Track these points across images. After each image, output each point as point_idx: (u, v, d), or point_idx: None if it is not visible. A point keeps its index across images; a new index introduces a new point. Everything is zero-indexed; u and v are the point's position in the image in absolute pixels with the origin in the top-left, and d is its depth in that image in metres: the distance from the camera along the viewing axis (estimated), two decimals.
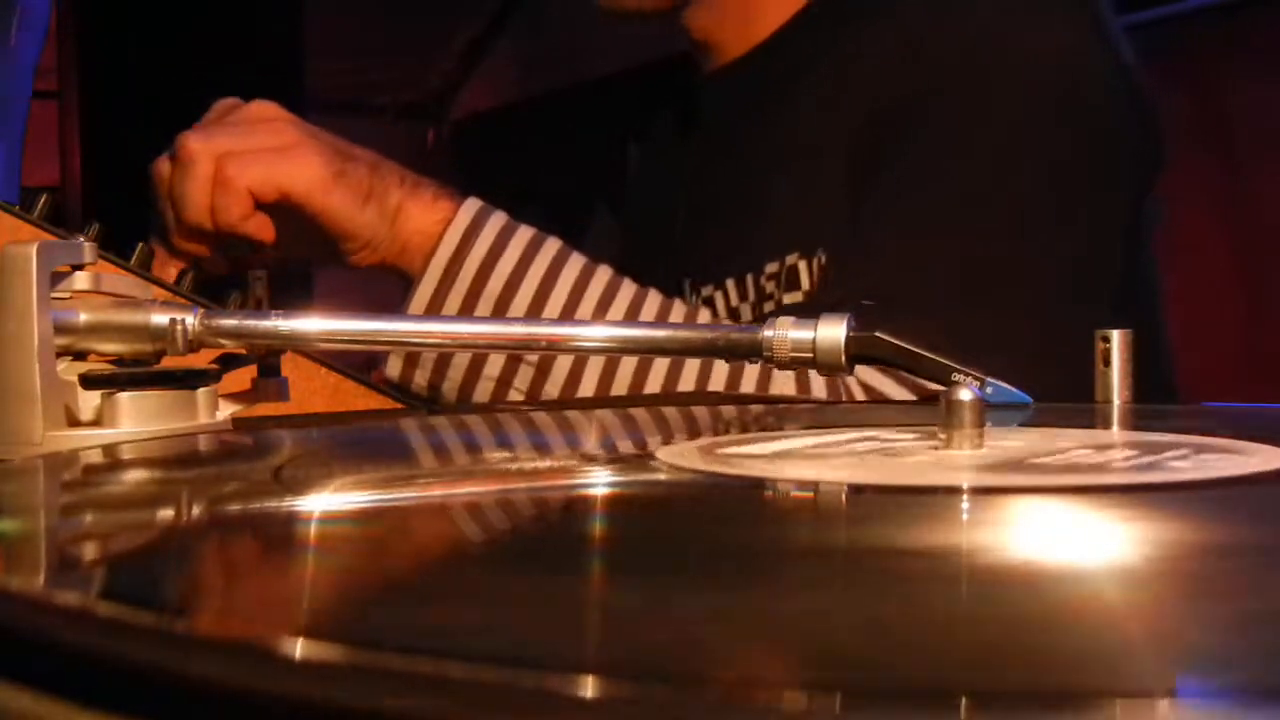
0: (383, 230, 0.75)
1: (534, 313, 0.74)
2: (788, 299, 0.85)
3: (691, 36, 0.96)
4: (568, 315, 0.74)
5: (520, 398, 0.74)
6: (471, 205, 0.76)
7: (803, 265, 0.85)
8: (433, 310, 0.74)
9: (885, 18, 0.86)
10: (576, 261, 0.76)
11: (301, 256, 0.81)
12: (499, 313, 0.74)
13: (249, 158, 0.73)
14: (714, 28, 0.94)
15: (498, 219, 0.76)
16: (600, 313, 0.75)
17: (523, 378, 0.74)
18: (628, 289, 0.76)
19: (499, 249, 0.75)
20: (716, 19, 0.94)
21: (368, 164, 0.76)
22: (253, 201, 0.74)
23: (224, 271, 0.77)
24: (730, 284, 0.90)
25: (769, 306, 0.86)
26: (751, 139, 0.92)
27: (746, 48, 0.94)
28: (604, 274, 0.76)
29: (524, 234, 0.76)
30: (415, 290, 0.75)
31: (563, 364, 0.73)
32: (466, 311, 0.74)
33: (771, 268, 0.86)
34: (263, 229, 0.75)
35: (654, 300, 0.77)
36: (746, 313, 0.88)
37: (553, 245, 0.76)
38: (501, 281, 0.74)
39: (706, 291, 0.91)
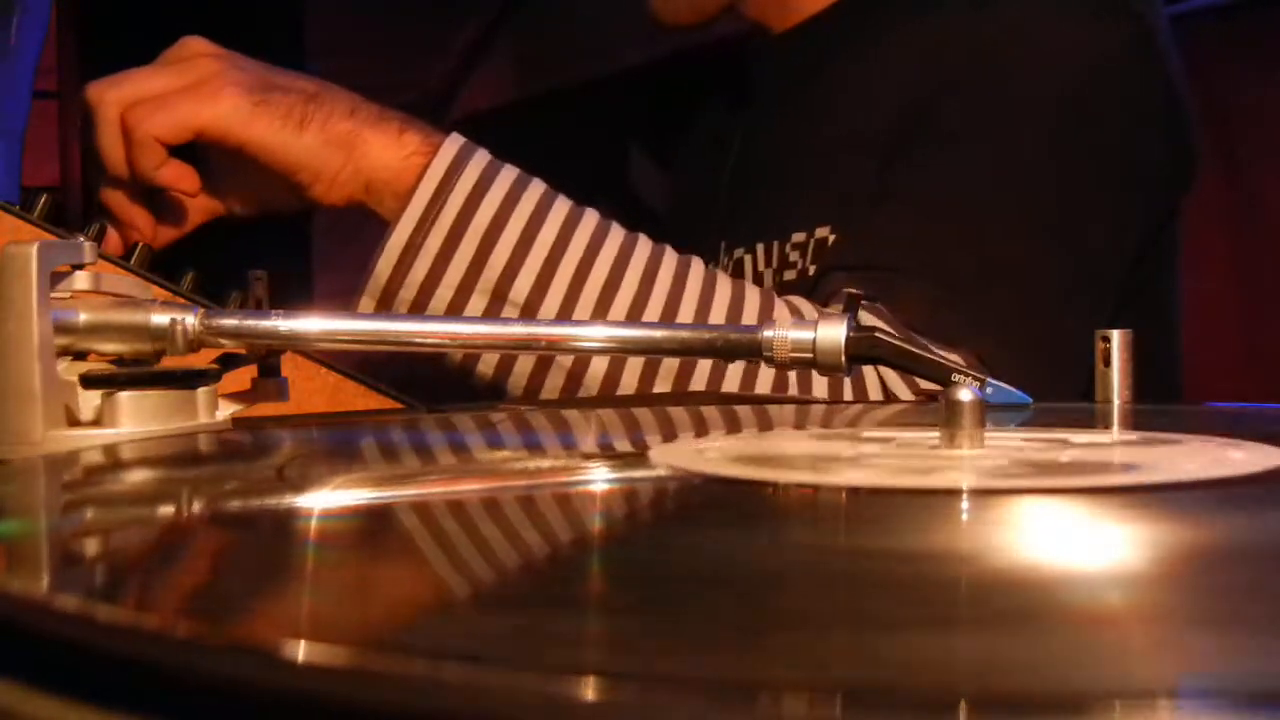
0: (335, 160, 0.71)
1: (518, 257, 0.70)
2: (814, 271, 0.86)
3: (745, 15, 0.97)
4: (554, 259, 0.71)
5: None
6: (453, 144, 0.72)
7: (833, 240, 0.85)
8: (410, 253, 0.70)
9: (923, 6, 0.87)
10: (563, 204, 0.73)
11: (255, 206, 0.77)
12: (480, 258, 0.70)
13: (153, 103, 0.70)
14: (760, 8, 0.95)
15: (481, 157, 0.72)
16: (590, 255, 0.71)
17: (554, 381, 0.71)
18: (617, 231, 0.73)
19: (481, 191, 0.71)
20: (761, 3, 0.95)
21: (302, 92, 0.72)
22: (164, 150, 0.71)
23: (158, 241, 0.74)
24: (759, 248, 0.90)
25: (790, 275, 0.87)
26: (793, 112, 0.93)
27: (792, 23, 0.95)
28: (592, 216, 0.73)
29: (508, 174, 0.72)
30: (392, 232, 0.71)
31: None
32: (446, 256, 0.70)
33: (798, 237, 0.87)
34: (181, 178, 0.72)
35: (645, 244, 0.74)
36: (769, 278, 0.89)
37: (538, 187, 0.73)
38: (484, 225, 0.71)
39: (738, 253, 0.92)
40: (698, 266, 0.75)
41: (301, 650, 0.18)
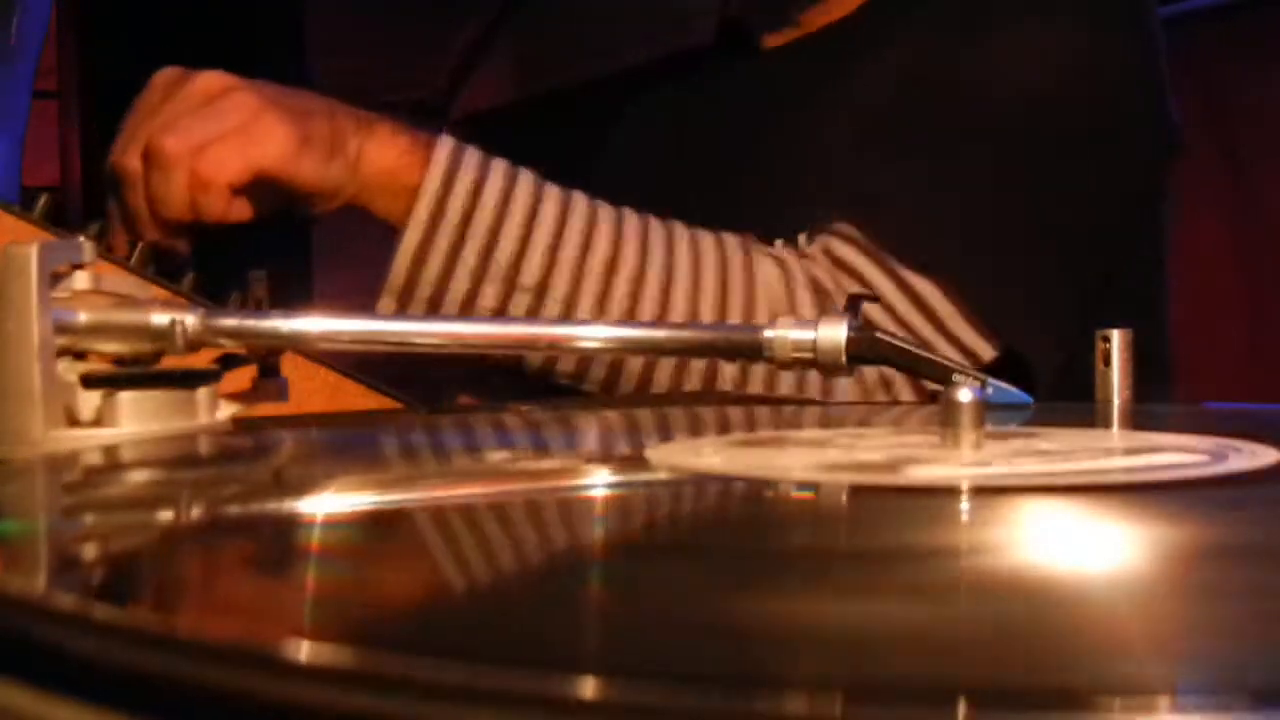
0: (346, 178, 0.75)
1: (523, 246, 0.75)
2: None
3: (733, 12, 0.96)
4: (556, 243, 0.75)
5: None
6: (445, 146, 0.76)
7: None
8: (421, 256, 0.75)
9: (923, 11, 0.86)
10: (553, 189, 0.77)
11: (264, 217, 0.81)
12: (488, 251, 0.75)
13: (220, 149, 0.73)
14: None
15: (471, 155, 0.77)
16: (588, 235, 0.76)
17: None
18: (606, 208, 0.78)
19: (479, 187, 0.76)
20: None
21: (324, 116, 0.76)
22: (229, 192, 0.74)
23: (185, 251, 0.76)
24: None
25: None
26: (780, 123, 0.92)
27: (791, 38, 0.94)
28: (581, 197, 0.78)
29: (499, 166, 0.77)
30: (402, 239, 0.75)
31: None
32: (455, 252, 0.75)
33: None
34: (243, 211, 0.75)
35: (632, 215, 0.78)
36: None
37: (528, 176, 0.77)
38: (487, 220, 0.75)
39: None
40: (680, 230, 0.79)
41: (302, 651, 0.18)
